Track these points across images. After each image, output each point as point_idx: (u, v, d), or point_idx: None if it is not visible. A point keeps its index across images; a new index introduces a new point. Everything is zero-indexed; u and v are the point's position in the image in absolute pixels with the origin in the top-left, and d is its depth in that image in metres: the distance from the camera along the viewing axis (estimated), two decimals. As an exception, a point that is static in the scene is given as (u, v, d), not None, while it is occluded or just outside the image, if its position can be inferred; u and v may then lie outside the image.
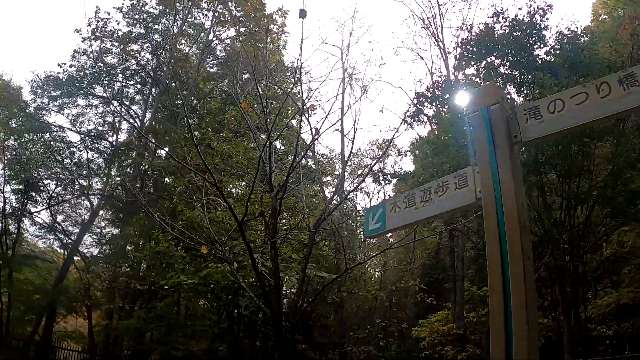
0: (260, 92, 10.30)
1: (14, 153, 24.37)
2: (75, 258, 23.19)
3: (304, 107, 11.45)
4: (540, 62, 12.02)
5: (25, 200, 24.16)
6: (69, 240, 23.33)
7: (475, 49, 12.68)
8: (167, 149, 18.97)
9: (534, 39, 12.07)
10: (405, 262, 22.34)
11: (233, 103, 15.55)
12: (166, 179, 21.00)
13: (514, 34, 12.20)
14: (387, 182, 18.15)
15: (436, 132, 15.59)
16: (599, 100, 2.44)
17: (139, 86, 25.30)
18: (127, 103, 25.10)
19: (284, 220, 17.23)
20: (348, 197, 17.68)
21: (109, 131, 24.74)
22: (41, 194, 24.16)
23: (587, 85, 2.55)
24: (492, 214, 2.37)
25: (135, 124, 23.39)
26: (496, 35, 12.48)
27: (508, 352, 2.17)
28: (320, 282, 17.87)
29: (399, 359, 19.78)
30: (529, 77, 12.04)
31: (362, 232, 20.89)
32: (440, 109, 15.31)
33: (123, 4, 24.31)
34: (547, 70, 11.71)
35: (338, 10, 58.91)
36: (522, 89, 12.58)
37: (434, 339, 17.47)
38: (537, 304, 2.32)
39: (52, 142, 24.31)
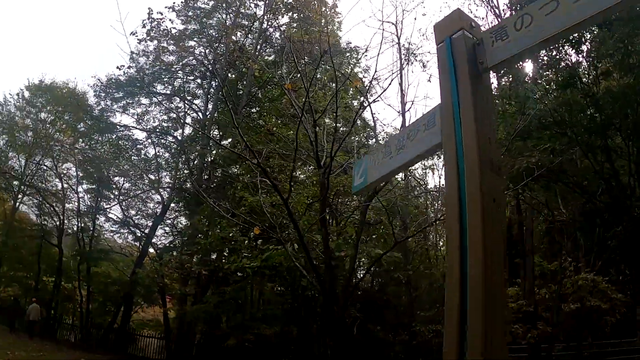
0: (302, 70, 11.02)
1: (84, 155, 27.12)
2: (151, 250, 25.51)
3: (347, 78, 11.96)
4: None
5: (99, 199, 26.85)
6: (143, 233, 25.73)
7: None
8: (229, 140, 20.65)
9: (588, -9, 12.13)
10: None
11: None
12: (233, 168, 22.58)
13: (567, -13, 12.30)
14: None
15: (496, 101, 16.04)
16: (571, 5, 2.20)
17: (199, 81, 27.14)
18: (189, 98, 27.08)
19: (354, 203, 18.33)
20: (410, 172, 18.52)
21: (175, 125, 26.87)
22: (113, 192, 26.70)
23: (557, -10, 2.64)
24: (451, 151, 2.29)
25: (198, 118, 25.36)
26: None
27: (463, 312, 2.05)
28: (387, 262, 18.80)
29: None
30: (586, 34, 12.10)
31: (428, 209, 21.66)
32: (503, 77, 15.73)
33: (174, 2, 25.94)
34: (603, 25, 11.71)
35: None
36: (581, 47, 12.82)
37: (504, 316, 17.79)
38: (503, 253, 2.11)
39: (119, 142, 26.76)
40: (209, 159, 23.77)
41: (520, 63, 13.26)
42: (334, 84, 18.39)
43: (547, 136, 12.95)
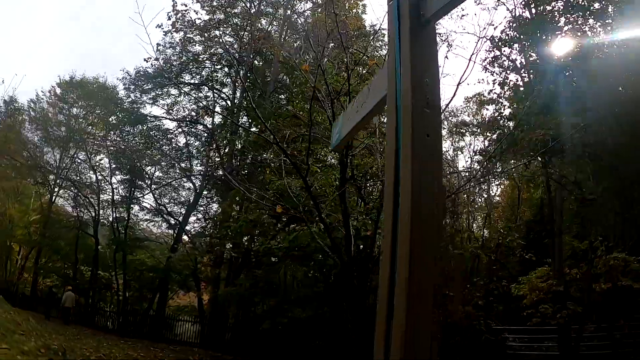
0: (317, 51, 11.40)
1: (117, 146, 28.38)
2: (185, 237, 26.73)
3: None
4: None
5: (132, 188, 28.12)
6: (177, 221, 26.96)
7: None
8: (258, 127, 21.37)
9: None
10: (510, 220, 23.07)
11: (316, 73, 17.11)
12: (262, 154, 23.39)
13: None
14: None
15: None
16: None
17: (226, 69, 27.91)
18: (218, 87, 27.96)
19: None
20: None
21: (204, 115, 27.76)
22: (146, 181, 27.93)
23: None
24: (391, 94, 2.46)
25: (227, 106, 26.24)
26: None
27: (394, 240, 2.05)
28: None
29: (499, 318, 20.52)
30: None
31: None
32: (528, 51, 15.99)
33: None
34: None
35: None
36: (606, 20, 12.98)
37: (535, 296, 17.68)
38: (438, 190, 2.13)
39: (150, 132, 27.97)
40: (239, 146, 24.62)
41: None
42: (360, 67, 18.95)
43: (572, 111, 13.23)
